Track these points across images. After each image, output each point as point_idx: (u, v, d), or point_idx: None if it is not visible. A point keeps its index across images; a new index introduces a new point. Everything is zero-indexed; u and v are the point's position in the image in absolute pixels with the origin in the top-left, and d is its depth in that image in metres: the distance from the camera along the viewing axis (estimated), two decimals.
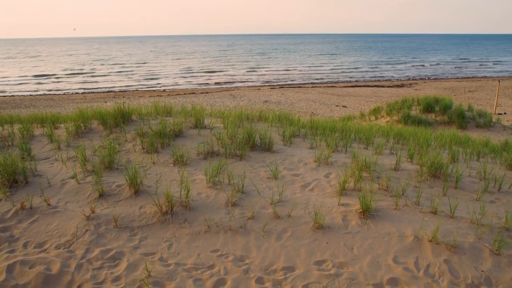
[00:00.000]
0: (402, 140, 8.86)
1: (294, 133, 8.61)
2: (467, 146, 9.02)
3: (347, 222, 4.98)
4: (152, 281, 3.98)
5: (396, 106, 16.45)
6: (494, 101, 23.19)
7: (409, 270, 4.20)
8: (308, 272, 4.17)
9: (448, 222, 5.03)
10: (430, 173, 6.46)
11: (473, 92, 31.65)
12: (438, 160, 6.57)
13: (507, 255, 4.45)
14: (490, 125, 14.80)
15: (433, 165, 6.44)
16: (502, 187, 6.32)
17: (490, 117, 15.49)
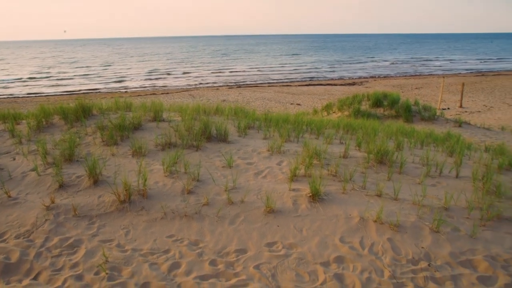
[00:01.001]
0: (351, 130, 8.98)
1: (249, 125, 8.58)
2: (412, 136, 9.23)
3: (297, 206, 4.97)
4: (110, 266, 3.90)
5: (347, 101, 16.70)
6: (439, 97, 23.93)
7: (354, 249, 4.23)
8: (259, 254, 4.14)
9: (392, 204, 5.10)
10: (376, 159, 6.55)
11: (420, 89, 32.56)
12: (384, 147, 6.68)
13: (445, 232, 4.55)
14: (434, 118, 15.24)
15: (379, 152, 6.54)
16: (443, 172, 6.48)
17: (435, 111, 15.95)
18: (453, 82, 36.84)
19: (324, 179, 5.66)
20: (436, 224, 4.60)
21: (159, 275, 3.80)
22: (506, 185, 5.97)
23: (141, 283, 3.70)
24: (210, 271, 3.88)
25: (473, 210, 5.09)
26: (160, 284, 3.68)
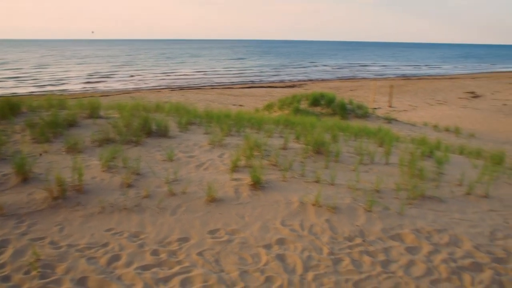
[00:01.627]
0: (291, 125, 9.22)
1: (190, 121, 8.53)
2: (347, 130, 9.63)
3: (239, 194, 5.03)
4: (42, 264, 3.67)
5: (287, 101, 17.10)
6: (371, 98, 25.12)
7: (295, 231, 4.35)
8: (202, 241, 4.13)
9: (329, 189, 5.32)
10: (314, 150, 6.79)
11: (354, 91, 33.98)
12: (321, 139, 6.93)
13: (377, 211, 4.82)
14: (367, 115, 16.03)
15: (316, 143, 6.78)
16: (375, 160, 6.86)
17: (367, 109, 16.75)
18: (384, 85, 38.72)
19: (265, 168, 5.77)
20: (369, 204, 4.86)
21: (97, 269, 3.67)
22: (428, 169, 6.44)
23: (78, 278, 3.55)
24: (152, 261, 3.81)
25: (400, 191, 5.44)
26: (99, 277, 3.56)
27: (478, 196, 5.74)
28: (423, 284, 3.66)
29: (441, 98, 28.85)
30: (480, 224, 4.89)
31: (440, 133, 14.74)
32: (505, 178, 6.80)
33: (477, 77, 48.41)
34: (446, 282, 3.74)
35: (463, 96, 30.08)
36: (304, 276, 3.67)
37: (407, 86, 37.42)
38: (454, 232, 4.61)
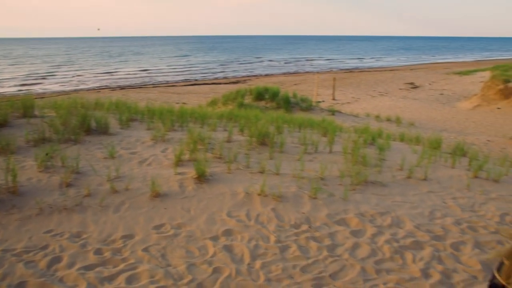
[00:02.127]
0: (235, 118, 9.30)
1: (132, 118, 8.37)
2: (291, 122, 9.84)
3: (183, 188, 5.03)
4: None
5: (231, 96, 17.19)
6: (314, 91, 25.75)
7: (241, 221, 4.42)
8: (147, 237, 4.10)
9: (274, 178, 5.44)
10: (258, 142, 6.90)
11: (298, 85, 34.65)
12: (265, 130, 7.05)
13: (322, 198, 5.01)
14: (311, 108, 16.46)
15: (261, 134, 6.89)
16: (318, 149, 7.09)
17: (311, 102, 17.19)
18: (327, 78, 39.75)
19: (209, 161, 5.79)
20: (313, 192, 5.03)
21: (37, 272, 3.55)
22: (370, 156, 6.76)
23: (16, 283, 3.41)
24: (95, 260, 3.74)
25: (344, 177, 5.67)
26: (39, 281, 3.44)
27: (417, 179, 6.10)
28: (368, 265, 3.86)
29: (382, 90, 30.12)
30: (420, 205, 5.22)
31: (382, 123, 15.41)
32: (442, 161, 7.27)
33: (415, 68, 50.94)
34: (390, 261, 3.97)
35: (403, 87, 31.57)
36: (252, 264, 3.76)
37: (350, 79, 38.68)
38: (396, 214, 4.89)
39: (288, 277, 3.61)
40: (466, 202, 5.45)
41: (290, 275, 3.63)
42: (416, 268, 3.87)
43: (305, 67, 57.39)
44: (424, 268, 3.87)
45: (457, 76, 38.73)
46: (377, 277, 3.71)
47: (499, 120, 19.25)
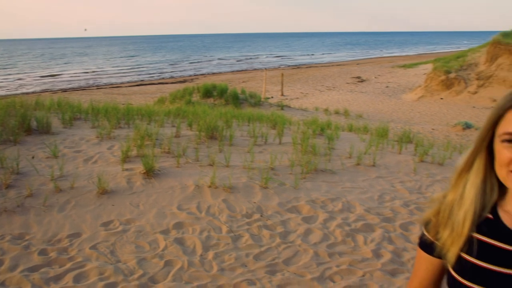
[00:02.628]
0: (183, 114, 9.24)
1: (75, 116, 8.12)
2: (240, 117, 9.92)
3: (131, 184, 4.97)
4: None
5: (178, 94, 17.05)
6: (263, 88, 26.04)
7: (192, 214, 4.44)
8: (95, 234, 4.03)
9: (224, 170, 5.49)
10: (207, 136, 6.92)
11: (246, 82, 34.88)
12: (214, 124, 7.08)
13: (273, 187, 5.12)
14: (260, 104, 16.66)
15: (209, 128, 6.91)
16: (268, 141, 7.21)
17: (260, 98, 17.38)
18: (275, 74, 40.28)
19: (157, 156, 5.75)
20: (264, 181, 5.13)
21: None
22: (320, 145, 6.96)
23: None
24: (40, 261, 3.62)
25: (294, 166, 5.82)
26: None
27: (366, 165, 6.36)
28: (321, 249, 3.99)
29: (330, 84, 30.94)
30: (369, 190, 5.46)
31: (331, 116, 15.85)
32: (390, 148, 7.62)
33: (362, 63, 52.71)
34: (342, 244, 4.13)
35: (350, 81, 32.60)
36: (205, 255, 3.79)
37: (298, 74, 39.40)
38: (346, 199, 5.08)
39: (241, 265, 3.67)
40: (413, 185, 5.76)
41: (244, 264, 3.70)
42: (367, 249, 4.05)
43: (254, 64, 57.75)
44: (375, 249, 4.05)
45: (401, 69, 40.47)
46: (330, 260, 3.85)
47: (442, 109, 20.35)
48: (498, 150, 1.03)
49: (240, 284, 3.39)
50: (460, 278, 1.10)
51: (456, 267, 1.11)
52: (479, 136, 1.07)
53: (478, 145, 1.08)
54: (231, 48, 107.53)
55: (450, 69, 24.84)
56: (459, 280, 1.10)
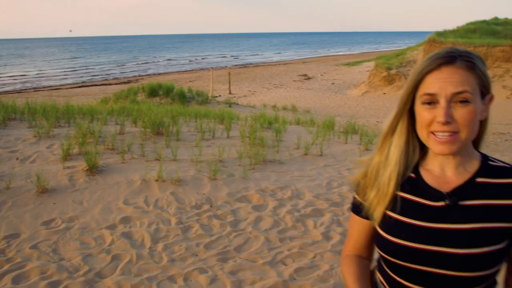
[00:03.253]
0: (127, 111, 9.04)
1: (10, 117, 7.72)
2: (187, 114, 9.84)
3: (74, 182, 4.80)
4: None
5: (123, 94, 16.64)
6: (210, 87, 25.96)
7: (139, 208, 4.36)
8: (35, 234, 3.86)
9: (171, 164, 5.43)
10: (153, 132, 6.82)
11: (193, 82, 34.54)
12: (160, 119, 6.98)
13: (222, 178, 5.12)
14: (207, 102, 16.60)
15: (155, 124, 6.81)
16: (216, 135, 7.21)
17: (207, 96, 17.32)
18: (223, 73, 40.23)
19: (101, 153, 5.58)
20: (213, 173, 5.13)
21: None
22: (268, 138, 7.05)
23: None
24: None
25: (243, 158, 5.86)
26: None
27: (314, 155, 6.50)
28: (272, 235, 4.05)
29: (277, 82, 31.31)
30: (318, 178, 5.59)
31: (279, 112, 16.04)
32: (336, 139, 7.83)
33: (308, 61, 53.75)
34: (292, 229, 4.20)
35: (297, 79, 33.14)
36: (154, 248, 3.73)
37: (245, 73, 39.57)
38: (295, 187, 5.17)
39: (192, 255, 3.65)
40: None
41: (194, 253, 3.68)
42: (317, 232, 4.15)
43: (201, 64, 57.39)
44: (324, 232, 4.16)
45: (346, 67, 41.65)
46: (281, 245, 3.91)
47: (386, 103, 21.16)
48: (418, 112, 1.08)
49: (191, 273, 3.38)
50: (385, 234, 1.16)
51: (381, 224, 1.17)
52: (401, 100, 1.12)
53: (400, 109, 1.14)
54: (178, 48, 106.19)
55: (391, 66, 25.95)
56: (384, 236, 1.16)
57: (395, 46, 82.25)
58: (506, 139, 9.96)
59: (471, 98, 1.02)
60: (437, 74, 1.04)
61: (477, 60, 1.05)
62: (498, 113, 15.97)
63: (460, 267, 1.06)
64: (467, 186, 1.11)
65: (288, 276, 3.37)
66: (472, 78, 1.03)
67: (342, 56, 61.87)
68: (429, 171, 1.16)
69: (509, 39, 25.51)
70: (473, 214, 1.08)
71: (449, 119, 1.02)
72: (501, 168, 1.12)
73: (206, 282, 3.27)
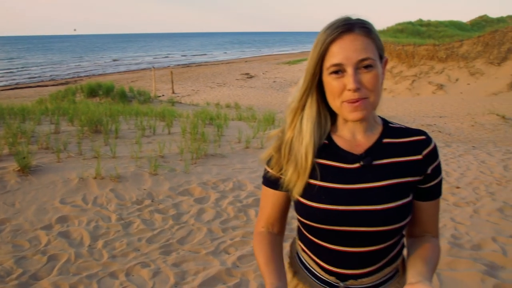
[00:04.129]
0: (63, 110, 8.66)
1: None
2: (127, 112, 9.59)
3: (4, 183, 4.53)
4: None
5: (60, 95, 15.91)
6: (153, 86, 25.46)
7: (77, 206, 4.20)
8: None
9: (111, 162, 5.27)
10: (91, 130, 6.58)
11: (135, 82, 33.68)
12: (98, 118, 6.75)
13: (163, 173, 5.04)
14: (150, 101, 16.22)
15: (93, 122, 6.57)
16: (157, 132, 7.07)
17: (149, 95, 16.95)
18: (165, 73, 39.56)
19: (34, 153, 5.31)
20: (154, 168, 5.02)
21: None
22: (209, 133, 7.01)
23: None
24: None
25: (184, 153, 5.79)
26: None
27: (255, 148, 6.54)
28: (214, 226, 4.03)
29: (220, 81, 31.22)
30: (259, 169, 5.62)
31: (222, 109, 16.01)
32: None
33: (249, 60, 54.02)
34: (235, 219, 4.21)
35: (239, 78, 33.21)
36: (94, 245, 3.60)
37: (188, 73, 39.15)
38: (237, 179, 5.18)
39: (134, 250, 3.55)
40: None
41: (136, 248, 3.59)
42: None
43: (142, 64, 56.05)
44: None
45: (286, 65, 42.29)
46: (224, 235, 3.90)
47: None
48: (328, 82, 1.09)
49: (133, 268, 3.29)
50: (307, 201, 1.17)
51: (303, 193, 1.18)
52: (309, 73, 1.12)
53: (309, 83, 1.13)
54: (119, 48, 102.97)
55: None
56: (306, 203, 1.17)
57: None
58: (432, 130, 10.48)
59: (374, 63, 1.06)
60: (340, 43, 1.05)
61: (371, 26, 1.09)
62: (425, 107, 16.81)
63: (380, 223, 1.11)
64: (376, 147, 1.17)
65: (231, 264, 3.37)
66: (371, 43, 1.07)
67: (283, 55, 62.74)
68: (341, 136, 1.20)
69: (432, 39, 27.11)
70: (385, 172, 1.14)
71: (359, 85, 1.05)
72: (400, 129, 1.20)
73: (149, 275, 3.20)
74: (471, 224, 4.15)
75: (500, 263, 3.35)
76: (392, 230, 1.13)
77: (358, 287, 1.20)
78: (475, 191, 5.13)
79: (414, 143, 1.16)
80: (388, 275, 1.22)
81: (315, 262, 1.25)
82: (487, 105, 15.50)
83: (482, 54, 23.24)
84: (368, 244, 1.15)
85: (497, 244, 3.68)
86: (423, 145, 1.16)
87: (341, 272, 1.19)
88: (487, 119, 12.21)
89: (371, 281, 1.19)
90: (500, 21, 32.60)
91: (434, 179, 1.18)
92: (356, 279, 1.19)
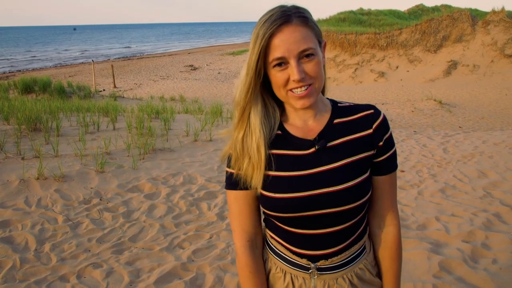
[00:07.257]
0: None
1: None
2: (68, 109, 9.21)
3: None
4: None
5: None
6: (93, 80, 24.59)
7: (19, 209, 4.01)
8: None
9: (53, 161, 5.06)
10: (29, 128, 6.25)
11: (73, 77, 32.32)
12: (36, 115, 6.44)
13: (110, 171, 4.91)
14: (91, 96, 15.63)
15: (30, 120, 6.27)
16: (101, 128, 6.86)
17: (90, 90, 16.34)
18: (105, 67, 38.25)
19: None
20: (100, 166, 4.88)
21: None
22: (156, 127, 6.89)
23: None
24: None
25: (131, 149, 5.67)
26: None
27: (204, 141, 6.51)
28: (167, 222, 3.99)
29: (164, 74, 30.65)
30: (209, 162, 5.61)
31: (167, 102, 15.75)
32: (224, 124, 7.93)
33: (193, 52, 53.35)
34: (187, 214, 4.19)
35: (183, 70, 32.75)
36: (40, 249, 3.47)
37: (129, 66, 38.08)
38: (187, 173, 5.15)
39: (84, 251, 3.46)
40: None
41: (86, 249, 3.49)
42: (212, 214, 4.19)
43: (79, 59, 53.79)
44: (219, 213, 4.22)
45: (231, 56, 42.16)
46: (177, 230, 3.88)
47: None
48: (272, 75, 1.12)
49: (84, 269, 3.20)
50: (268, 193, 1.19)
51: (264, 186, 1.20)
52: (251, 70, 1.12)
53: (253, 78, 1.13)
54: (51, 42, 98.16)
55: None
56: (268, 195, 1.20)
57: None
58: None
59: (314, 51, 1.09)
60: (280, 36, 1.07)
61: (307, 13, 1.12)
62: (368, 94, 17.42)
63: (343, 202, 1.16)
64: (327, 129, 1.21)
65: (186, 258, 3.36)
66: (310, 32, 1.10)
67: (226, 46, 62.41)
68: (293, 124, 1.23)
69: (373, 28, 28.03)
70: (340, 152, 1.19)
71: (303, 75, 1.08)
72: (349, 107, 1.25)
73: (102, 276, 3.13)
74: (416, 205, 4.38)
75: (444, 241, 3.58)
76: (355, 207, 1.18)
77: (328, 266, 1.24)
78: (419, 174, 5.41)
79: (364, 118, 1.21)
80: (356, 252, 1.27)
81: (284, 247, 1.27)
82: (425, 91, 16.29)
83: (420, 42, 24.34)
84: (335, 224, 1.20)
85: (440, 223, 3.91)
86: (373, 118, 1.21)
87: (311, 253, 1.23)
88: (426, 104, 12.84)
89: (340, 259, 1.24)
90: (435, 10, 34.33)
91: (387, 151, 1.23)
92: (326, 259, 1.23)
